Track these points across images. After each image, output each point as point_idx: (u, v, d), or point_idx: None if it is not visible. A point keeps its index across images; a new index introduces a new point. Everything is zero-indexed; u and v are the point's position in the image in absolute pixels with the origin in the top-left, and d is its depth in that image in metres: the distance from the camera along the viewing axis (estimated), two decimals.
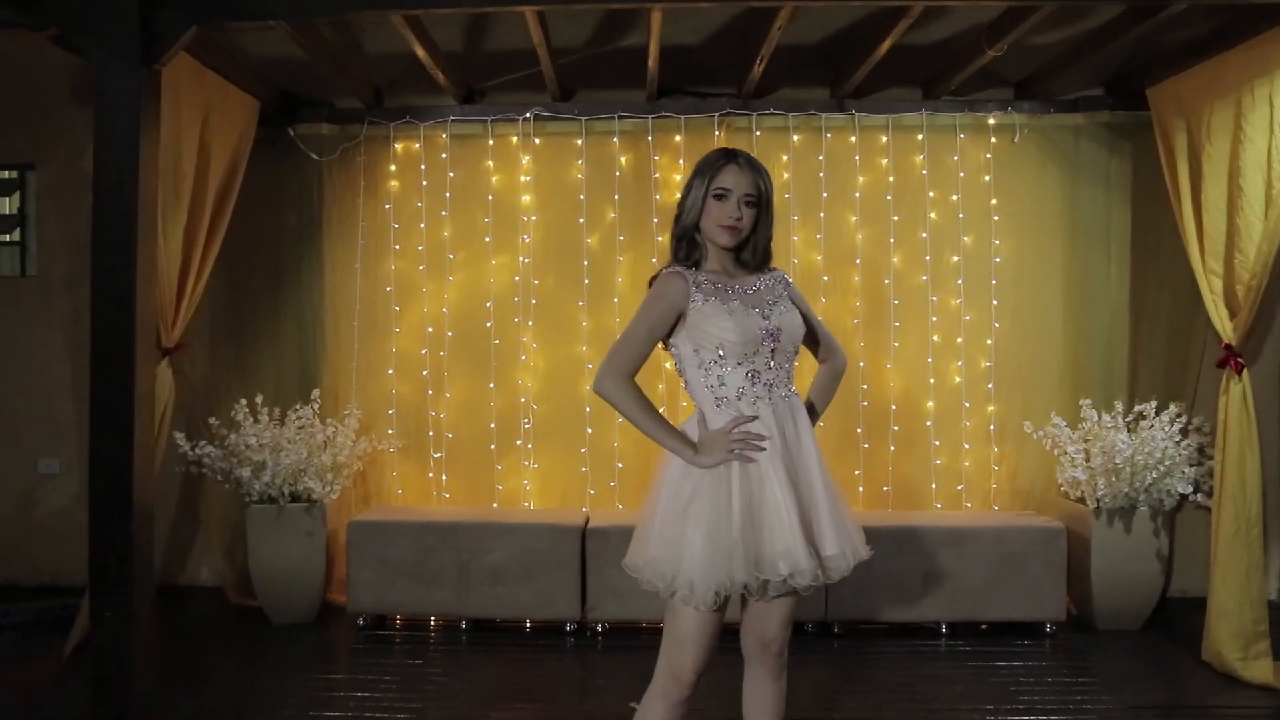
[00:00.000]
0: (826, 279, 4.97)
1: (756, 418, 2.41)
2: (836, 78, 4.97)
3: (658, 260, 4.92)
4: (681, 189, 2.54)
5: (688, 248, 2.51)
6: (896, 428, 4.99)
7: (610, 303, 5.02)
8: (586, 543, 4.49)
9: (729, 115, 4.94)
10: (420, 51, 4.28)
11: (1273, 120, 3.71)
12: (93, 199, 3.27)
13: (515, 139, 5.06)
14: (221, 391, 5.00)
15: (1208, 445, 4.57)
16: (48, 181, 5.28)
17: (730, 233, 2.46)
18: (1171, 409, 4.53)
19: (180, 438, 4.56)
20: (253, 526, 4.64)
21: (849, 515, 2.52)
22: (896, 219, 4.99)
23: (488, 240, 5.07)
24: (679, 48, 4.82)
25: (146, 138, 3.30)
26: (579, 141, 5.02)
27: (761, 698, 2.56)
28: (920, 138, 4.98)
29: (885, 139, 4.99)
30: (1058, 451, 4.64)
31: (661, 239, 4.95)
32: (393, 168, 5.10)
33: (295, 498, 4.61)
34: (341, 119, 5.04)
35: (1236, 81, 3.89)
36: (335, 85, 4.97)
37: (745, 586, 2.35)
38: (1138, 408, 4.61)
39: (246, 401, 4.67)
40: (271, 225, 5.07)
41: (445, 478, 5.08)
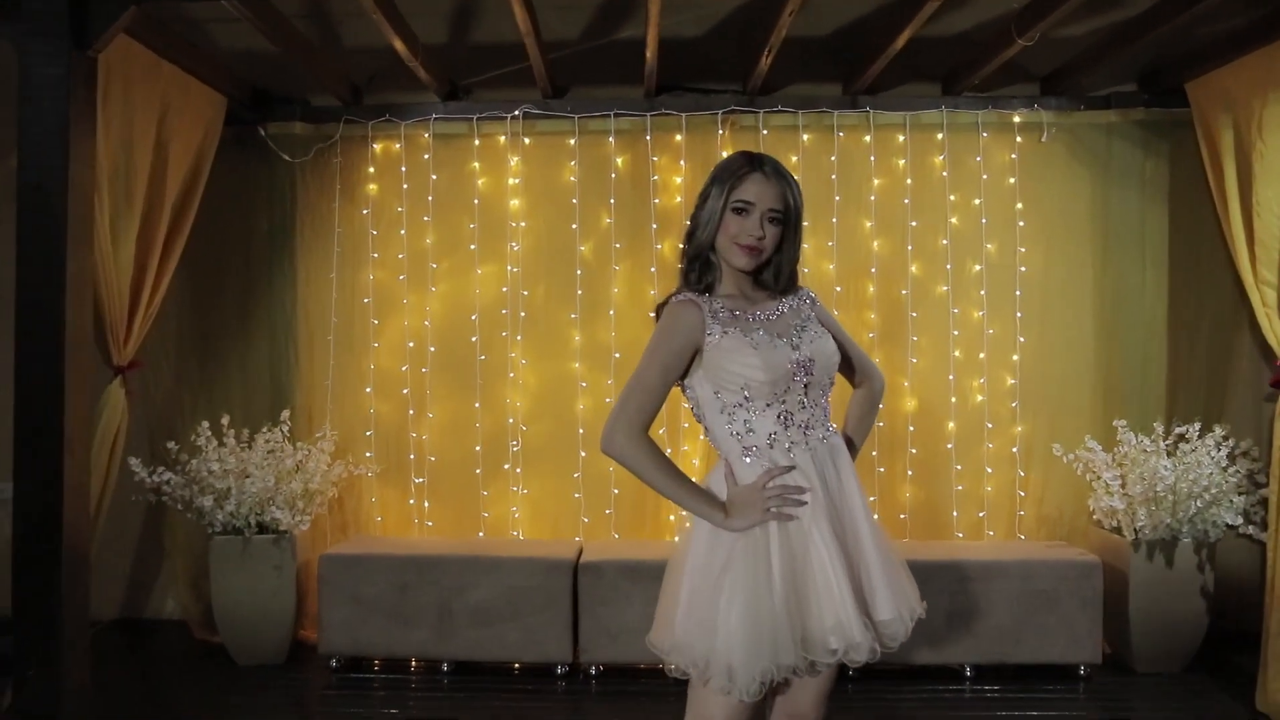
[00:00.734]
0: (839, 290, 4.73)
1: (794, 467, 2.08)
2: (850, 72, 4.77)
3: (656, 270, 4.70)
4: (697, 197, 2.19)
5: (701, 269, 2.16)
6: (914, 450, 4.73)
7: (605, 315, 4.77)
8: (579, 578, 4.21)
9: (733, 113, 4.73)
10: (398, 44, 4.07)
11: None
12: (16, 203, 2.94)
13: (503, 139, 4.83)
14: (186, 412, 4.77)
15: (1257, 472, 4.28)
16: None
17: (750, 254, 2.11)
18: (1217, 431, 4.25)
19: (136, 464, 4.27)
20: (216, 560, 4.35)
21: (902, 568, 2.20)
22: (914, 225, 4.76)
23: (473, 248, 4.83)
24: (679, 40, 4.63)
25: (79, 132, 2.96)
26: (572, 141, 4.80)
27: None
28: (940, 137, 4.76)
29: (902, 138, 4.77)
30: (1090, 477, 4.36)
31: (661, 247, 4.73)
32: (371, 170, 4.87)
33: (262, 528, 4.32)
34: (316, 117, 4.83)
35: None
36: (310, 81, 4.78)
37: (793, 669, 2.02)
38: (1178, 429, 4.31)
39: (210, 424, 4.41)
40: (240, 232, 4.84)
41: (428, 504, 4.82)
